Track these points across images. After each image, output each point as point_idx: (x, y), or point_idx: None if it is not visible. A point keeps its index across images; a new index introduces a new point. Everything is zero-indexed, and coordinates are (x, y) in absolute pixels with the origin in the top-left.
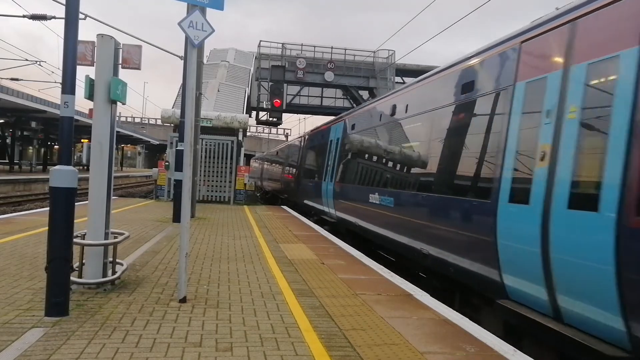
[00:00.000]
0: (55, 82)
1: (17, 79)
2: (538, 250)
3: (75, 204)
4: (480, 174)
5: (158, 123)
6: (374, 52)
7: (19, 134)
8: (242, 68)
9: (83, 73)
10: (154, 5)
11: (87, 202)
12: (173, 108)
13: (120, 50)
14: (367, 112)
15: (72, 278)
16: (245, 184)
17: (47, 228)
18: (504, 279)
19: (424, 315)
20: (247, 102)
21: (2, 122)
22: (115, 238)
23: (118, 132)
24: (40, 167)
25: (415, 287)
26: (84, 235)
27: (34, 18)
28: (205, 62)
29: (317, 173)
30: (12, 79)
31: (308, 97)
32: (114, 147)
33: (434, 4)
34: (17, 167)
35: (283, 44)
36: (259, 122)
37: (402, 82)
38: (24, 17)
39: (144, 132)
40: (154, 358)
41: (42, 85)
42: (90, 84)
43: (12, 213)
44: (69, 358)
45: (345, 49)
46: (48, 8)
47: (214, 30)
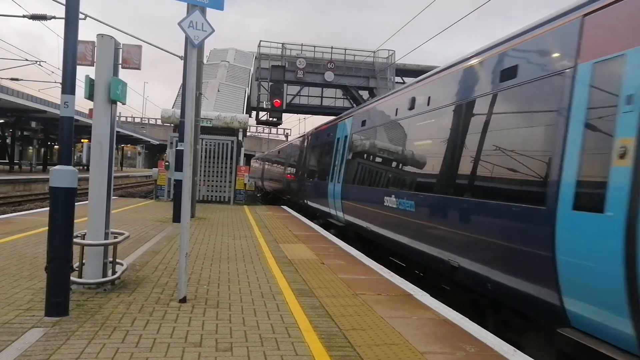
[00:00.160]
0: (55, 82)
1: (17, 79)
2: (620, 271)
3: (75, 204)
4: (532, 175)
5: (158, 123)
6: (374, 52)
7: (19, 134)
8: (242, 68)
9: (83, 73)
10: (154, 5)
11: (87, 202)
12: (173, 108)
13: (120, 50)
14: (381, 106)
15: (72, 278)
16: (245, 184)
17: (47, 228)
18: (565, 303)
19: (424, 315)
20: (247, 102)
21: (2, 122)
22: (115, 238)
23: (118, 132)
24: (40, 167)
25: (415, 287)
26: (84, 235)
27: (34, 18)
28: (205, 62)
29: (322, 173)
30: (12, 79)
31: (308, 97)
32: (114, 147)
33: (434, 4)
34: (17, 167)
35: (283, 44)
36: (259, 122)
37: (402, 82)
38: (24, 17)
39: (144, 132)
40: (154, 358)
41: (42, 85)
42: (90, 84)
43: (12, 213)
44: (69, 358)
45: (345, 49)
46: (48, 8)
47: (214, 30)
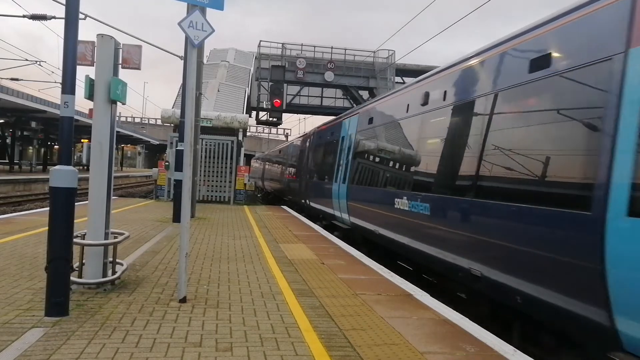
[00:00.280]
0: (55, 82)
1: (17, 79)
2: None
3: (75, 204)
4: (574, 177)
5: (158, 123)
6: (374, 52)
7: (19, 134)
8: (242, 68)
9: (83, 73)
10: (154, 5)
11: (87, 202)
12: (173, 108)
13: (120, 50)
14: (390, 102)
15: (72, 278)
16: (245, 184)
17: (47, 228)
18: (618, 324)
19: (424, 315)
20: (247, 102)
21: (2, 122)
22: (115, 238)
23: (118, 132)
24: (40, 167)
25: (415, 287)
26: (84, 235)
27: (34, 18)
28: (205, 62)
29: (326, 173)
30: (12, 79)
31: (308, 97)
32: (114, 147)
33: (434, 4)
34: (17, 167)
35: (283, 44)
36: (259, 122)
37: (402, 82)
38: (24, 17)
39: (144, 132)
40: (154, 358)
41: (42, 85)
42: (90, 84)
43: (12, 213)
44: (69, 358)
45: (345, 49)
46: (48, 8)
47: (214, 30)
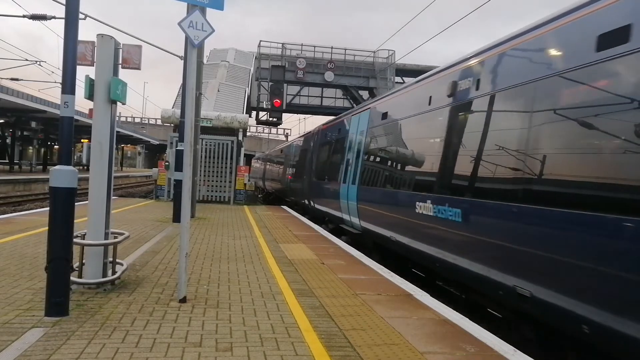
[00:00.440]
0: (55, 82)
1: (17, 79)
2: None
3: (75, 204)
4: None
5: (158, 123)
6: (374, 52)
7: (19, 134)
8: (242, 68)
9: (83, 73)
10: (154, 5)
11: (87, 202)
12: (173, 108)
13: (120, 50)
14: (408, 95)
15: (72, 278)
16: (245, 184)
17: (47, 228)
18: None
19: (424, 315)
20: (247, 102)
21: (2, 122)
22: (115, 238)
23: (118, 132)
24: (40, 167)
25: (415, 287)
26: (84, 235)
27: (34, 18)
28: (205, 62)
29: (334, 173)
30: (12, 79)
31: (308, 97)
32: (114, 147)
33: (434, 4)
34: (17, 167)
35: (283, 44)
36: (259, 122)
37: (402, 82)
38: (24, 17)
39: (144, 132)
40: (154, 358)
41: (42, 85)
42: (90, 84)
43: (12, 213)
44: (69, 358)
45: (345, 49)
46: (48, 8)
47: (214, 30)
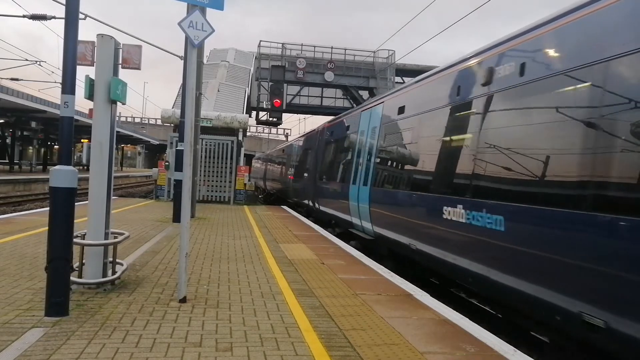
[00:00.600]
0: (55, 82)
1: (17, 79)
2: None
3: (75, 204)
4: None
5: (158, 123)
6: (374, 52)
7: (19, 134)
8: (242, 68)
9: (83, 73)
10: (154, 5)
11: (87, 202)
12: (173, 108)
13: (120, 50)
14: (431, 86)
15: (72, 278)
16: (245, 184)
17: (47, 228)
18: None
19: (424, 315)
20: (247, 102)
21: (2, 122)
22: (115, 238)
23: (118, 132)
24: (40, 167)
25: (415, 287)
26: (84, 235)
27: (34, 18)
28: (205, 62)
29: (342, 173)
30: (12, 79)
31: (308, 97)
32: (114, 147)
33: (434, 4)
34: (17, 167)
35: (283, 44)
36: (259, 122)
37: (402, 82)
38: (24, 17)
39: (144, 132)
40: (154, 358)
41: (42, 85)
42: (90, 84)
43: (12, 213)
44: (69, 358)
45: (345, 49)
46: (48, 8)
47: (214, 30)
